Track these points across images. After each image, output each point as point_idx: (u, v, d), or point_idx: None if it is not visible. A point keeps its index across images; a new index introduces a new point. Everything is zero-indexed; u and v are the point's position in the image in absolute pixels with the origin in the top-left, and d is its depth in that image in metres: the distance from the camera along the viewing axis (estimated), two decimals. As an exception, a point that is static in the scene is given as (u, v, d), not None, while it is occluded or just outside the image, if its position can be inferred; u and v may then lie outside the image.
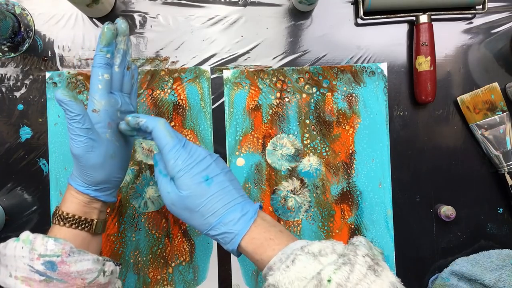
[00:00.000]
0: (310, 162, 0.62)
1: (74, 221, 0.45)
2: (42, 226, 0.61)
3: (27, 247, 0.42)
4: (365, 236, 0.62)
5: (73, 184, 0.46)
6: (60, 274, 0.42)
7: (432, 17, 0.60)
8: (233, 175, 0.46)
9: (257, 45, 0.62)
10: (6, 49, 0.61)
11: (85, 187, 0.46)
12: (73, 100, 0.42)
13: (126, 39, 0.48)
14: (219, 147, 0.61)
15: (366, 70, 0.62)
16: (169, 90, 0.61)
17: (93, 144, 0.44)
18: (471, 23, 0.62)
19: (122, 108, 0.48)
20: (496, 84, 0.61)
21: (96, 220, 0.47)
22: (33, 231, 0.61)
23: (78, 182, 0.46)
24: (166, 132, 0.44)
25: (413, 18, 0.61)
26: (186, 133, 0.61)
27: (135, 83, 0.51)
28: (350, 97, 0.62)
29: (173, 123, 0.61)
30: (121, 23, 0.47)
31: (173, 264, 0.61)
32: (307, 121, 0.62)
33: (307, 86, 0.62)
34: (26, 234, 0.43)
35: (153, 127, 0.44)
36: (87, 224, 0.46)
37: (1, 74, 0.61)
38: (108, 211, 0.60)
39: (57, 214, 0.46)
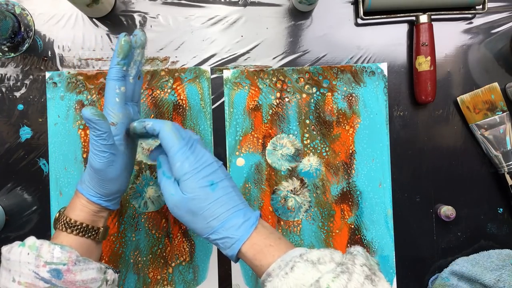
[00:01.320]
0: (310, 162, 0.62)
1: (82, 229, 0.46)
2: (42, 226, 0.61)
3: (33, 253, 0.42)
4: (365, 237, 0.62)
5: (85, 194, 0.46)
6: (65, 283, 0.42)
7: (432, 17, 0.60)
8: (234, 182, 0.46)
9: (257, 45, 0.62)
10: (6, 49, 0.61)
11: (98, 197, 0.46)
12: (102, 119, 0.42)
13: (143, 51, 0.48)
14: (219, 147, 0.61)
15: (366, 70, 0.62)
16: (169, 90, 0.61)
17: (114, 158, 0.44)
18: (471, 23, 0.62)
19: (134, 118, 0.49)
20: (496, 84, 0.61)
21: (102, 228, 0.47)
22: (33, 231, 0.61)
23: (91, 193, 0.46)
24: (173, 134, 0.44)
25: (413, 18, 0.61)
26: (186, 133, 0.61)
27: (140, 91, 0.51)
28: (350, 97, 0.62)
29: (173, 123, 0.61)
30: (140, 35, 0.46)
31: (173, 264, 0.61)
32: (307, 121, 0.62)
33: (307, 86, 0.62)
34: (32, 240, 0.43)
35: (160, 129, 0.44)
36: (93, 232, 0.46)
37: (1, 74, 0.61)
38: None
39: (64, 221, 0.46)
